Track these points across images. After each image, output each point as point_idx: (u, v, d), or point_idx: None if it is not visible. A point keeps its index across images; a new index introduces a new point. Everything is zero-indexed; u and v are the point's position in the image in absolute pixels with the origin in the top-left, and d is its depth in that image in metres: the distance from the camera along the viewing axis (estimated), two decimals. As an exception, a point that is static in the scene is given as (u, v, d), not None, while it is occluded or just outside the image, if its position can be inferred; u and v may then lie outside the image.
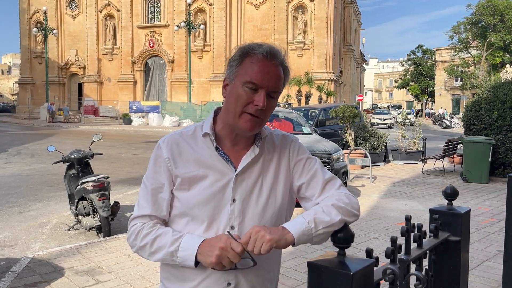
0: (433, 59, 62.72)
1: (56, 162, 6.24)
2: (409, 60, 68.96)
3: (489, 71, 38.17)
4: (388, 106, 32.10)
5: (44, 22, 36.69)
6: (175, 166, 1.36)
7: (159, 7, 40.71)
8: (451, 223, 1.63)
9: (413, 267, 1.37)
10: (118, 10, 41.35)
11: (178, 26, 32.65)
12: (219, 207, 1.34)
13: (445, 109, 48.51)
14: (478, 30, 41.83)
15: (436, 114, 44.27)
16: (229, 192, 1.35)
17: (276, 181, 1.41)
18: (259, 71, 1.31)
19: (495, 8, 39.29)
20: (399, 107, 41.06)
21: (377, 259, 1.10)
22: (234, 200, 1.35)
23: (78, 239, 5.61)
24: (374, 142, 12.61)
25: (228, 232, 1.28)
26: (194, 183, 1.35)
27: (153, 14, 41.24)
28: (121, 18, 41.13)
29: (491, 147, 9.65)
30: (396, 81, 76.33)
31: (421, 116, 51.57)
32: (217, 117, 1.43)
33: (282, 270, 4.40)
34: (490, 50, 40.63)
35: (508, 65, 38.79)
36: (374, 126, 25.41)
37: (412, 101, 65.67)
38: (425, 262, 1.47)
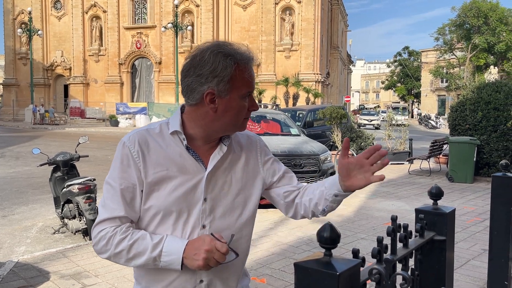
0: (419, 60, 63.48)
1: (41, 165, 6.15)
2: (395, 61, 69.73)
3: (474, 72, 38.74)
4: (388, 107, 32.40)
5: (28, 23, 36.20)
6: (144, 165, 1.33)
7: (146, 8, 40.49)
8: (437, 223, 1.65)
9: (399, 266, 1.39)
10: (104, 11, 41.01)
11: (165, 27, 32.48)
12: (191, 206, 1.35)
13: (428, 112, 49.20)
14: (463, 32, 42.47)
15: (422, 115, 44.80)
16: (200, 191, 1.35)
17: (245, 179, 1.44)
18: (250, 79, 1.35)
19: (479, 10, 39.96)
20: (404, 108, 41.41)
21: (363, 259, 1.11)
22: (205, 199, 1.36)
23: (64, 243, 5.54)
24: (361, 142, 12.70)
25: (212, 234, 1.28)
26: (165, 182, 1.33)
27: (140, 15, 41.00)
28: (107, 19, 40.79)
29: (476, 147, 9.79)
30: (382, 82, 77.12)
31: (412, 117, 52.09)
32: (187, 118, 1.38)
33: (270, 272, 4.40)
34: (474, 52, 41.27)
35: (492, 67, 39.34)
36: (361, 127, 25.59)
37: (399, 102, 66.30)
38: (411, 262, 1.49)
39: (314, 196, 1.47)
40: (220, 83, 1.30)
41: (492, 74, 29.83)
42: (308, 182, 7.11)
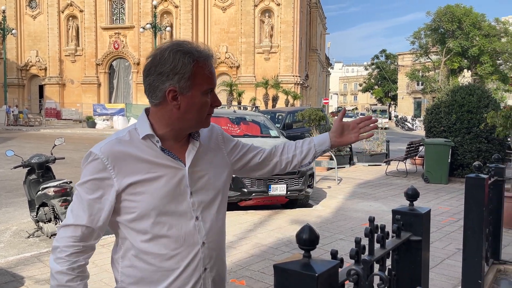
0: (396, 63, 64.61)
1: (15, 167, 6.00)
2: (372, 64, 70.83)
3: (448, 76, 39.68)
4: (374, 110, 32.78)
5: (2, 22, 35.25)
6: (120, 176, 1.35)
7: (124, 8, 40.02)
8: (413, 224, 1.68)
9: (377, 267, 1.41)
10: (81, 11, 40.35)
11: (143, 28, 32.18)
12: (180, 202, 1.39)
13: (404, 114, 50.15)
14: (438, 36, 43.44)
15: (399, 117, 45.62)
16: (185, 186, 1.40)
17: (217, 169, 1.52)
18: (211, 75, 1.40)
19: (453, 15, 40.94)
20: (384, 110, 41.95)
21: (341, 260, 1.12)
22: (191, 193, 1.41)
23: (39, 247, 5.41)
24: (340, 144, 12.83)
25: None
26: (148, 185, 1.36)
27: (118, 15, 40.49)
28: (84, 18, 40.15)
29: (450, 149, 10.03)
30: (360, 85, 78.25)
31: (390, 119, 52.93)
32: (153, 120, 1.41)
33: (250, 273, 4.41)
34: (448, 56, 42.26)
35: (465, 70, 40.51)
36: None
37: (376, 104, 67.36)
38: (388, 262, 1.51)
39: (301, 152, 1.67)
40: (181, 80, 1.34)
41: (466, 77, 30.64)
42: (287, 184, 7.15)
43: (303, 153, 1.67)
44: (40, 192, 5.48)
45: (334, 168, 10.31)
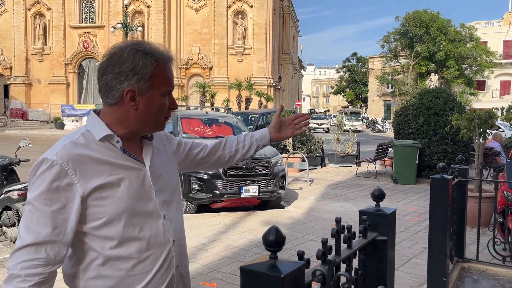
0: (366, 66, 65.80)
1: (-23, 170, 5.76)
2: (344, 67, 71.88)
3: (416, 79, 40.69)
4: (347, 112, 33.24)
5: (-36, 18, 33.93)
6: (83, 180, 1.27)
7: (94, 7, 39.19)
8: (379, 224, 1.72)
9: (344, 267, 1.43)
10: (48, 9, 39.25)
11: (114, 28, 31.53)
12: (146, 202, 1.37)
13: (375, 116, 51.20)
14: (406, 41, 44.48)
15: (370, 119, 46.51)
16: (149, 186, 1.38)
17: (170, 166, 1.53)
18: (170, 77, 1.39)
19: (421, 20, 42.02)
20: (358, 113, 42.55)
21: (308, 261, 1.13)
22: (156, 192, 1.40)
23: (2, 252, 5.24)
24: (311, 146, 12.98)
25: None
26: (114, 188, 1.31)
27: (88, 14, 39.62)
28: (52, 17, 39.07)
29: (418, 151, 10.30)
30: (332, 87, 79.23)
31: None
32: (108, 121, 1.35)
33: (221, 276, 4.39)
34: (417, 60, 43.35)
35: (433, 74, 41.58)
36: (311, 131, 26.10)
37: (347, 107, 68.44)
38: (356, 262, 1.54)
39: (244, 146, 1.75)
40: (140, 80, 1.31)
41: (433, 81, 31.49)
42: (259, 186, 7.16)
43: (245, 148, 1.75)
44: (3, 196, 5.30)
45: (306, 169, 10.41)
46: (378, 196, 1.77)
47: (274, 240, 1.05)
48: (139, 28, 33.61)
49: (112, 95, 1.33)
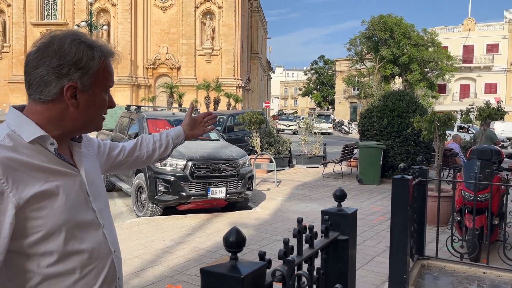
0: (333, 69, 66.91)
1: None
2: (312, 69, 72.86)
3: (381, 82, 41.76)
4: (318, 115, 33.57)
5: None
6: (18, 187, 1.10)
7: (56, 5, 38.10)
8: (340, 223, 1.75)
9: (306, 266, 1.45)
10: (8, 5, 37.87)
11: (78, 26, 30.69)
12: (85, 212, 1.25)
13: (341, 118, 52.25)
14: (372, 44, 45.55)
15: (336, 120, 47.35)
16: (85, 194, 1.26)
17: (97, 171, 1.43)
18: (112, 73, 1.29)
19: (385, 25, 43.15)
20: (328, 115, 43.14)
21: (269, 261, 1.14)
22: (91, 201, 1.28)
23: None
24: (279, 147, 13.07)
25: None
26: (51, 197, 1.16)
27: (50, 11, 38.47)
28: (12, 13, 37.72)
29: (382, 152, 10.56)
30: (300, 89, 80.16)
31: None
32: (38, 120, 1.20)
33: (186, 278, 4.35)
34: (382, 63, 44.45)
35: (397, 77, 42.73)
36: (279, 132, 26.30)
37: (315, 108, 69.42)
38: (318, 261, 1.57)
39: (161, 145, 1.77)
40: (84, 76, 1.19)
41: (397, 84, 32.40)
42: (227, 187, 7.15)
43: (162, 146, 1.77)
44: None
45: (274, 170, 10.48)
46: (340, 196, 1.80)
47: (234, 241, 1.05)
48: (105, 27, 32.92)
49: (47, 91, 1.17)
